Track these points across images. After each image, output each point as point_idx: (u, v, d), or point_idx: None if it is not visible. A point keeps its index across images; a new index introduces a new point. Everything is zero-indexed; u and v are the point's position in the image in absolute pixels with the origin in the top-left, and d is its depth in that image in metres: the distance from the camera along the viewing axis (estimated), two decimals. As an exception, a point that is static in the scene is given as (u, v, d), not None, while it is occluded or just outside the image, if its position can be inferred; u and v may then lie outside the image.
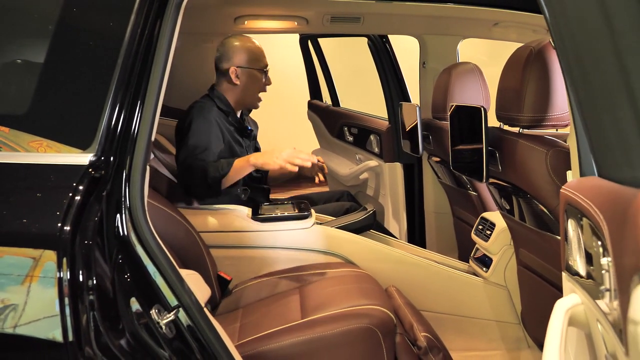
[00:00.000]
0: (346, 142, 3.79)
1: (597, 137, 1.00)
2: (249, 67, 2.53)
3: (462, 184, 2.76)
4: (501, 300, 2.31)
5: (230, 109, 2.54)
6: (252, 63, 2.54)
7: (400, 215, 3.27)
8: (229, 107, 2.53)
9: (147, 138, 1.37)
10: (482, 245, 2.38)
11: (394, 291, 2.16)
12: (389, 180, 3.30)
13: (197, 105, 2.48)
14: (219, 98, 2.53)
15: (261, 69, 2.55)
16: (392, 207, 3.31)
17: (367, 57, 3.49)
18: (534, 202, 1.76)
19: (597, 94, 0.98)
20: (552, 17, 1.21)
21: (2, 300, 1.22)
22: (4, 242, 1.26)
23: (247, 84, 2.54)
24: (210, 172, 2.21)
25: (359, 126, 3.65)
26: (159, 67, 1.40)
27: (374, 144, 3.42)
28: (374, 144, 3.42)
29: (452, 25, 2.93)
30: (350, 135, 3.75)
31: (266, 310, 1.93)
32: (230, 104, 2.54)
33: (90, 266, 1.24)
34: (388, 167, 3.31)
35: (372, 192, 3.51)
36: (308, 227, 2.28)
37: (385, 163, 3.31)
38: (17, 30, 1.48)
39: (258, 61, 2.55)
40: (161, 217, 1.90)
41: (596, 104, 1.00)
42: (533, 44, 1.74)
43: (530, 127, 1.75)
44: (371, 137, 3.45)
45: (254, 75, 2.54)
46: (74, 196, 1.25)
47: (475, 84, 2.64)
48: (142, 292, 1.33)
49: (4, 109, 1.42)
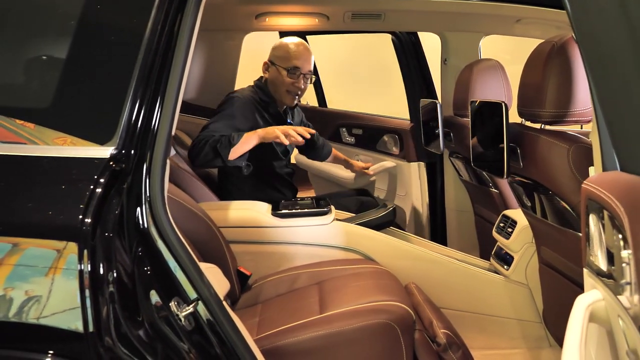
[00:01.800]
0: (344, 144, 3.70)
1: (620, 132, 0.99)
2: (274, 64, 2.62)
3: (483, 181, 2.73)
4: (522, 298, 2.29)
5: (270, 99, 2.64)
6: (279, 60, 2.62)
7: (424, 215, 3.24)
8: (269, 97, 2.64)
9: (167, 133, 1.38)
10: (503, 243, 2.36)
11: (413, 288, 2.15)
12: (412, 180, 3.24)
13: (237, 94, 2.59)
14: (260, 88, 2.65)
15: (286, 68, 2.59)
16: (416, 207, 3.26)
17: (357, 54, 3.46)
18: (556, 198, 1.74)
19: (618, 88, 0.97)
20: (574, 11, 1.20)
21: (27, 292, 1.24)
22: (28, 234, 1.28)
23: (272, 79, 2.64)
24: (223, 141, 2.31)
25: (366, 126, 3.58)
26: (179, 63, 1.40)
27: (391, 144, 3.37)
28: (391, 144, 3.37)
29: (474, 22, 2.91)
30: (350, 137, 3.67)
31: (285, 305, 1.94)
32: (271, 95, 2.64)
33: (110, 258, 1.26)
34: (412, 167, 3.26)
35: (382, 194, 3.46)
36: (328, 223, 2.28)
37: (410, 163, 3.26)
38: (40, 27, 1.50)
39: (286, 60, 2.61)
40: (182, 211, 1.91)
41: (618, 99, 0.99)
42: (555, 39, 1.72)
43: (552, 122, 1.72)
44: (385, 137, 3.40)
45: (279, 73, 2.61)
46: (95, 189, 1.26)
47: (497, 81, 2.62)
48: (161, 285, 1.34)
49: (28, 104, 1.45)
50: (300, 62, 2.61)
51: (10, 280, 1.25)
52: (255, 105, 2.57)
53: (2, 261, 1.25)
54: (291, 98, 2.66)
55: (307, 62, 2.63)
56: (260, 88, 2.65)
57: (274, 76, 2.63)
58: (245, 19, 2.88)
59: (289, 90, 2.63)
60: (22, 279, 1.26)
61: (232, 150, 2.30)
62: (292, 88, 2.62)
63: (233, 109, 2.49)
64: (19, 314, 1.24)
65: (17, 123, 1.37)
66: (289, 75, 2.60)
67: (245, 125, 2.46)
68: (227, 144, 2.31)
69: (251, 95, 2.60)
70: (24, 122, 1.37)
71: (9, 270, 1.25)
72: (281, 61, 2.61)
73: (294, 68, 2.59)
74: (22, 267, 1.26)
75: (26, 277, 1.26)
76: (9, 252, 1.26)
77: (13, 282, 1.25)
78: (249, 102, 2.55)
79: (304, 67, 2.61)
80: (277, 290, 2.07)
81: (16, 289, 1.25)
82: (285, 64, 2.60)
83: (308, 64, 2.63)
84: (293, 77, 2.60)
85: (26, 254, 1.27)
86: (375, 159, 3.45)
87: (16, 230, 1.28)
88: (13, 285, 1.25)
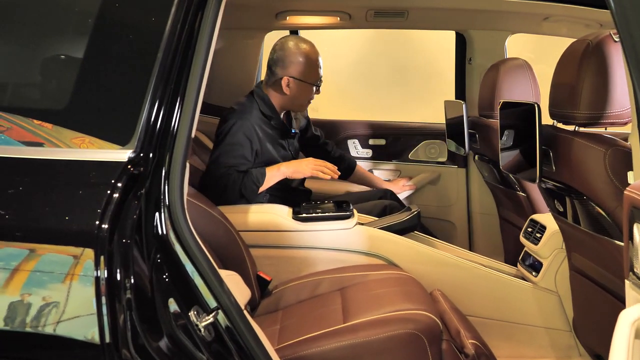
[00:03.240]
0: (357, 158, 3.22)
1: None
2: (302, 80, 2.43)
3: (509, 184, 2.66)
4: (551, 306, 2.21)
5: (274, 113, 2.47)
6: (306, 76, 2.43)
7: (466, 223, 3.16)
8: (273, 111, 2.46)
9: (187, 135, 1.33)
10: (531, 248, 2.28)
11: (439, 295, 2.09)
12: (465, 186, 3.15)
13: (238, 108, 2.42)
14: (263, 100, 2.45)
15: (314, 83, 2.45)
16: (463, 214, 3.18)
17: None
18: (590, 204, 1.67)
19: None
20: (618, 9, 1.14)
21: (44, 298, 1.22)
22: (45, 239, 1.25)
23: (296, 95, 2.46)
24: (247, 184, 2.23)
25: (394, 135, 3.35)
26: (200, 62, 1.36)
27: (435, 151, 3.24)
28: (431, 151, 3.26)
29: (501, 20, 2.85)
30: (365, 149, 3.35)
31: (307, 312, 1.88)
32: (274, 108, 2.47)
33: (128, 265, 1.22)
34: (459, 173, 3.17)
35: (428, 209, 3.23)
36: (350, 227, 2.22)
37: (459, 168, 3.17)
38: (57, 25, 1.47)
39: (314, 74, 2.45)
40: (200, 215, 1.87)
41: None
42: (590, 37, 1.65)
43: (586, 124, 1.66)
44: (421, 144, 3.27)
45: (306, 89, 2.45)
46: (112, 193, 1.23)
47: (524, 81, 2.55)
48: (180, 293, 1.30)
49: (43, 105, 1.42)
50: (321, 70, 2.48)
51: (26, 287, 1.22)
52: (259, 124, 2.41)
53: (19, 267, 1.22)
54: (307, 106, 2.55)
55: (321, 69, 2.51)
56: (262, 100, 2.44)
57: (298, 92, 2.43)
58: (265, 17, 2.84)
59: (310, 99, 2.50)
60: (38, 285, 1.23)
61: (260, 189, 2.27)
62: (312, 98, 2.51)
63: (238, 137, 2.31)
64: (34, 323, 1.21)
65: (35, 123, 1.34)
66: (316, 89, 2.46)
67: (253, 148, 2.35)
68: (252, 186, 2.24)
69: (253, 111, 2.41)
70: (41, 123, 1.34)
71: (25, 276, 1.22)
72: (306, 77, 2.42)
73: (319, 80, 2.46)
74: (38, 273, 1.23)
75: (42, 283, 1.23)
76: (26, 258, 1.23)
77: (29, 288, 1.22)
78: (251, 125, 2.36)
79: (322, 73, 2.50)
80: (299, 296, 2.01)
81: (32, 295, 1.22)
82: (312, 79, 2.43)
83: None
84: (317, 89, 2.47)
85: (42, 260, 1.24)
86: (408, 170, 3.27)
87: (32, 236, 1.26)
88: (30, 292, 1.22)
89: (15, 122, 1.35)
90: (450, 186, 3.21)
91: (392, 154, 3.32)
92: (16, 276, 1.22)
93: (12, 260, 1.22)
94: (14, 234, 1.25)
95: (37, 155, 1.32)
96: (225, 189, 2.24)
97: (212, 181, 2.28)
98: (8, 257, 1.24)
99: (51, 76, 1.46)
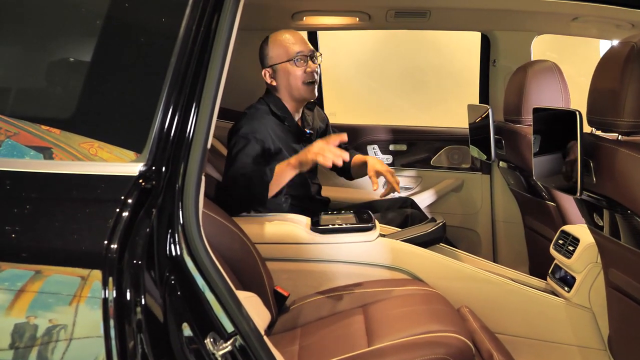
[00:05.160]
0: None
1: None
2: (276, 63, 2.35)
3: (538, 192, 2.54)
4: (585, 323, 2.09)
5: (286, 113, 2.39)
6: (279, 58, 2.35)
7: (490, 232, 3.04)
8: (285, 112, 2.39)
9: (203, 145, 1.24)
10: (563, 261, 2.16)
11: (467, 312, 1.97)
12: (489, 193, 3.04)
13: (250, 112, 2.35)
14: (274, 102, 2.38)
15: (291, 59, 2.34)
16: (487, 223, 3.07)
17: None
18: (635, 218, 1.55)
19: None
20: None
21: (51, 320, 1.13)
22: (51, 260, 1.16)
23: (284, 81, 2.36)
24: (256, 182, 2.08)
25: (415, 140, 3.20)
26: (216, 66, 1.26)
27: (460, 157, 3.13)
28: (459, 156, 3.13)
29: (526, 20, 2.74)
30: (385, 154, 3.21)
31: (327, 331, 1.77)
32: (285, 107, 2.39)
33: (138, 287, 1.13)
34: (483, 179, 3.05)
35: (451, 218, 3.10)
36: (372, 239, 2.10)
37: (483, 175, 3.06)
38: (64, 26, 1.38)
39: (285, 52, 2.34)
40: (214, 227, 1.77)
41: None
42: (634, 40, 1.53)
43: (630, 133, 1.54)
44: (444, 150, 3.15)
45: (286, 69, 2.35)
46: (121, 211, 1.14)
47: (554, 84, 2.43)
48: (195, 317, 1.21)
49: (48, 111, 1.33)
50: (298, 46, 2.35)
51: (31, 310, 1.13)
52: (273, 127, 2.32)
53: (24, 288, 1.14)
54: (311, 89, 2.38)
55: (304, 44, 2.37)
56: (274, 102, 2.38)
57: (283, 77, 2.35)
58: (280, 17, 2.74)
59: (305, 80, 2.35)
60: (44, 308, 1.14)
61: (269, 189, 2.08)
62: (306, 76, 2.35)
63: (254, 145, 2.22)
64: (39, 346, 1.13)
65: (43, 129, 1.26)
66: (297, 64, 2.33)
67: (271, 150, 2.27)
68: (260, 182, 2.07)
69: (265, 115, 2.34)
70: (49, 128, 1.25)
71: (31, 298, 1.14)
72: (281, 57, 2.34)
73: (297, 54, 2.33)
74: (44, 295, 1.14)
75: (48, 306, 1.14)
76: (31, 279, 1.14)
77: (34, 311, 1.13)
78: (265, 129, 2.28)
79: (305, 48, 2.36)
80: (318, 313, 1.90)
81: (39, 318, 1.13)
82: (287, 57, 2.33)
83: (306, 44, 2.38)
84: (301, 63, 2.34)
85: (48, 282, 1.15)
86: (430, 177, 3.16)
87: (36, 257, 1.17)
88: (35, 314, 1.13)
89: (22, 127, 1.26)
90: (474, 194, 3.09)
91: (414, 160, 3.20)
92: (21, 298, 1.14)
93: (17, 281, 1.14)
94: (17, 255, 1.16)
95: (41, 169, 1.23)
96: (239, 191, 2.14)
97: (230, 193, 2.18)
98: (13, 277, 1.15)
99: (55, 81, 1.36)
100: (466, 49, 3.43)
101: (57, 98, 1.37)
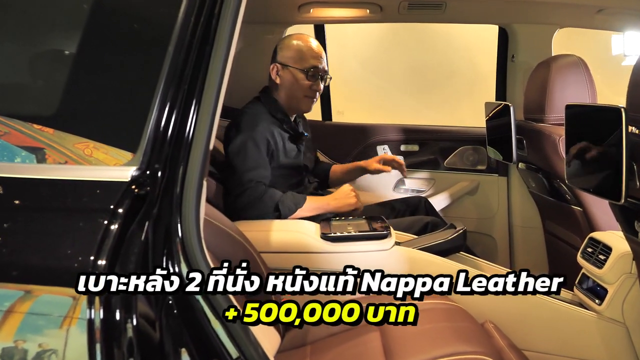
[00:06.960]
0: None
1: None
2: (290, 66, 2.31)
3: (562, 196, 2.38)
4: (618, 338, 1.93)
5: (283, 116, 2.33)
6: (294, 62, 2.31)
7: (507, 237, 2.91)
8: (282, 113, 2.33)
9: (205, 146, 1.10)
10: (593, 272, 2.00)
11: (491, 328, 1.82)
12: (506, 196, 2.90)
13: (247, 113, 2.28)
14: (271, 102, 2.34)
15: (303, 69, 2.30)
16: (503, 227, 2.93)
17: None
18: (684, 228, 1.39)
19: None
20: None
21: (40, 345, 1.03)
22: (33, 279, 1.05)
23: (288, 85, 2.33)
24: (286, 203, 2.13)
25: (428, 140, 3.06)
26: (219, 58, 1.13)
27: (475, 158, 2.99)
28: (474, 157, 2.99)
29: (548, 13, 2.61)
30: (396, 155, 2.95)
31: (340, 350, 1.62)
32: (283, 110, 2.34)
33: (130, 309, 1.02)
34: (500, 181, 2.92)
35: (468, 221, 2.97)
36: (387, 248, 1.95)
37: (500, 177, 2.93)
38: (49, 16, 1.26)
39: (303, 61, 2.31)
40: (215, 234, 1.62)
41: None
42: None
43: None
44: (458, 150, 3.00)
45: (295, 76, 2.31)
46: (110, 223, 1.02)
47: (580, 80, 2.29)
48: (195, 342, 1.09)
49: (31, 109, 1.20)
50: (317, 61, 2.32)
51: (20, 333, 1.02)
52: (271, 127, 2.27)
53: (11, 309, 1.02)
54: (309, 103, 2.36)
55: (323, 61, 2.35)
56: (271, 102, 2.34)
57: (288, 81, 2.31)
58: (286, 9, 2.62)
59: (307, 94, 2.33)
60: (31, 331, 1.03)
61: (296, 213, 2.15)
62: (310, 92, 2.32)
63: (256, 145, 2.19)
64: None
65: (35, 128, 1.15)
66: (308, 78, 2.30)
67: (269, 151, 2.24)
68: (291, 207, 2.14)
69: (264, 115, 2.28)
70: (42, 127, 1.15)
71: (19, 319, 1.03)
72: (296, 62, 2.31)
73: (313, 68, 2.30)
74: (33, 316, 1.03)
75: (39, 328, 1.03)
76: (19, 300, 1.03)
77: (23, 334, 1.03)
78: (264, 129, 2.23)
79: (322, 66, 2.34)
80: (329, 329, 1.75)
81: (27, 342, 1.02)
82: (301, 65, 2.30)
83: (324, 62, 2.36)
84: (312, 79, 2.31)
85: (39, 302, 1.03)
86: (443, 179, 3.01)
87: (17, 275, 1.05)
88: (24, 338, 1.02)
89: (13, 126, 1.16)
90: (490, 197, 2.94)
91: (426, 161, 3.04)
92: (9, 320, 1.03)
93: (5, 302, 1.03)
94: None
95: (23, 174, 1.12)
96: (253, 205, 2.08)
97: (234, 198, 2.11)
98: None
99: (38, 75, 1.23)
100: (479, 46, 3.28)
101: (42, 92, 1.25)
